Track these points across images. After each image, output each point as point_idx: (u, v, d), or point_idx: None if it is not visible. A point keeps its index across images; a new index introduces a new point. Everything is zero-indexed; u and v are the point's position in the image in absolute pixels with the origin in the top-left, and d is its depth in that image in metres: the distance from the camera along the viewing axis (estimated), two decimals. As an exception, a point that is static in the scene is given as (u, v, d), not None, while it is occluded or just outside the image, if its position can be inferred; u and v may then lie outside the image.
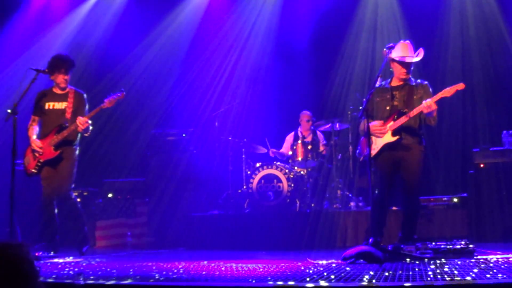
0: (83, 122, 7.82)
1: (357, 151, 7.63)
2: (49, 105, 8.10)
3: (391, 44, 7.19)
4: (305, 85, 12.24)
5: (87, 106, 8.27)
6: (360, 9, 12.01)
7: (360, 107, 6.86)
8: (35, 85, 7.44)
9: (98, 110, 8.01)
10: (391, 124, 7.11)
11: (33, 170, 7.97)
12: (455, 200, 9.20)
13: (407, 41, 7.31)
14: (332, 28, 12.20)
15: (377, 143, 7.19)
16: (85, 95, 8.33)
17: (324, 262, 6.35)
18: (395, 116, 7.09)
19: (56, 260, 7.39)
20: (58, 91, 8.17)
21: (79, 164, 8.31)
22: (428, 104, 6.85)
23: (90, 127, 8.04)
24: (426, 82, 7.32)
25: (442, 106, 8.12)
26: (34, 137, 8.00)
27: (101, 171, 10.02)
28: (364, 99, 6.81)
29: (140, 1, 12.59)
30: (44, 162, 7.97)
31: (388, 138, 7.13)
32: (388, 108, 7.24)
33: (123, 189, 10.48)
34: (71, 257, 7.72)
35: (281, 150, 11.15)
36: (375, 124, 7.12)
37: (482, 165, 8.94)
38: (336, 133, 10.57)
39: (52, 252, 7.80)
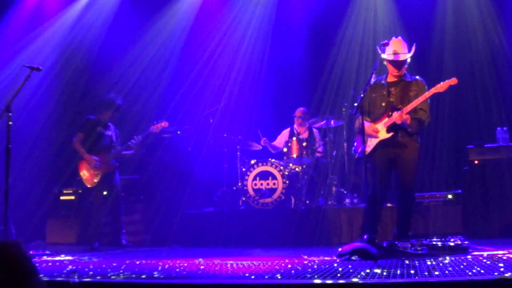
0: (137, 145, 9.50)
1: (353, 148, 7.64)
2: (100, 129, 9.53)
3: (385, 41, 7.19)
4: (300, 82, 12.24)
5: None
6: (355, 5, 12.00)
7: (355, 104, 6.83)
8: (29, 83, 7.41)
9: (147, 134, 9.61)
10: (385, 121, 7.12)
11: (95, 181, 9.36)
12: (450, 196, 9.21)
13: (399, 37, 7.30)
14: (327, 24, 12.20)
15: (372, 140, 7.20)
16: None
17: (319, 259, 6.36)
18: (390, 113, 7.10)
19: (50, 258, 7.40)
20: (105, 122, 9.64)
21: (74, 162, 9.68)
22: (396, 116, 6.88)
23: None
24: (421, 79, 7.31)
25: (437, 102, 8.13)
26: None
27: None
28: (359, 96, 6.80)
29: (134, -1, 12.58)
30: (104, 175, 9.37)
31: (383, 134, 7.14)
32: (384, 104, 7.24)
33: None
34: (62, 255, 7.74)
35: (274, 143, 11.14)
36: (368, 126, 7.12)
37: (476, 162, 8.95)
38: (331, 130, 10.57)
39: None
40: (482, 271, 4.60)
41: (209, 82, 12.13)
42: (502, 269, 4.66)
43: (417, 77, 7.36)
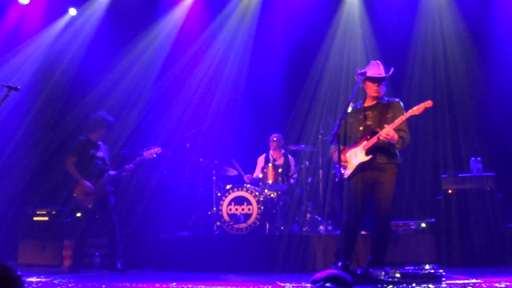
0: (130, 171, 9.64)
1: (332, 171, 7.67)
2: (92, 152, 9.51)
3: (362, 70, 7.25)
4: (276, 108, 12.31)
5: None
6: (333, 34, 12.12)
7: (332, 132, 6.87)
8: (8, 102, 7.34)
9: (139, 160, 9.66)
10: (364, 144, 7.15)
11: (89, 206, 9.31)
12: (423, 225, 9.26)
13: (378, 61, 7.41)
14: (304, 51, 12.32)
15: (351, 163, 7.22)
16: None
17: (294, 285, 6.36)
18: (368, 136, 7.14)
19: (24, 279, 7.32)
20: (95, 141, 9.61)
21: (48, 183, 10.21)
22: (384, 133, 6.92)
23: None
24: (397, 100, 7.36)
25: (412, 131, 8.20)
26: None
27: (70, 190, 9.92)
28: (336, 124, 6.84)
29: (113, 20, 12.59)
30: (98, 199, 9.35)
31: (362, 157, 7.16)
32: (361, 128, 7.28)
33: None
34: (41, 277, 7.68)
35: (255, 174, 11.14)
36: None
37: (450, 191, 9.03)
38: (306, 157, 10.62)
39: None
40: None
41: (186, 106, 12.15)
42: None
43: (394, 98, 7.42)
